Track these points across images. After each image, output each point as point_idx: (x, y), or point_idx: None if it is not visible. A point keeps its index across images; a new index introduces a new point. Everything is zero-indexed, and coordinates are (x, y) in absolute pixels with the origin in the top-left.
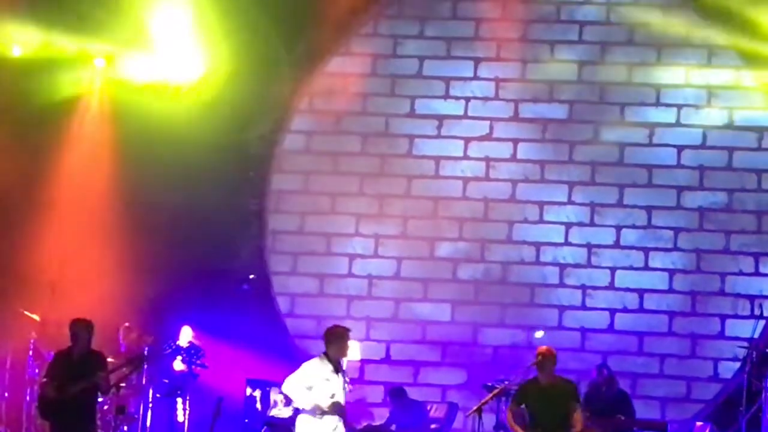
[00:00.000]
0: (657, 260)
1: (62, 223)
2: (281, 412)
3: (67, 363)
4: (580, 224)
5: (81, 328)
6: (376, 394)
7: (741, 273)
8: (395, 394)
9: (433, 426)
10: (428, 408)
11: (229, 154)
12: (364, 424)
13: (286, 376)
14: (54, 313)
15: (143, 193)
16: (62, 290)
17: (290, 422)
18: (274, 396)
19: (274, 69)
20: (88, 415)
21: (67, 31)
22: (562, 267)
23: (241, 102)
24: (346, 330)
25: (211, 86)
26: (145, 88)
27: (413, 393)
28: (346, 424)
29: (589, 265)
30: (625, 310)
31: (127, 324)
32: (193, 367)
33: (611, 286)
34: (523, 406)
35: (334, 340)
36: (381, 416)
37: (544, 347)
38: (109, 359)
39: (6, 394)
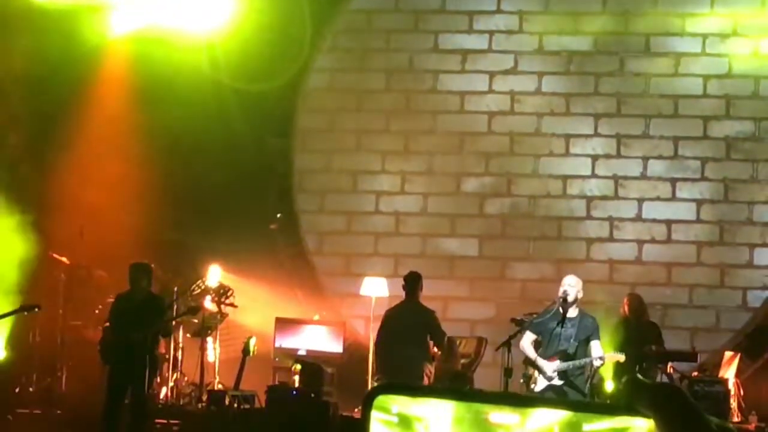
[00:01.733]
0: (684, 191)
1: (90, 168)
2: None
3: (128, 307)
4: (607, 156)
5: (140, 271)
6: None
7: None
8: None
9: (462, 360)
10: (457, 342)
11: (253, 95)
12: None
13: (314, 314)
14: (83, 256)
15: (171, 136)
16: (90, 233)
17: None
18: None
19: (299, 12)
20: (148, 359)
21: None
22: (589, 199)
23: (266, 47)
24: None
25: (236, 33)
26: (170, 36)
27: (443, 328)
28: None
29: (616, 196)
30: (652, 241)
31: (152, 265)
32: (223, 306)
33: (638, 218)
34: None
35: None
36: None
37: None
38: None
39: (38, 339)
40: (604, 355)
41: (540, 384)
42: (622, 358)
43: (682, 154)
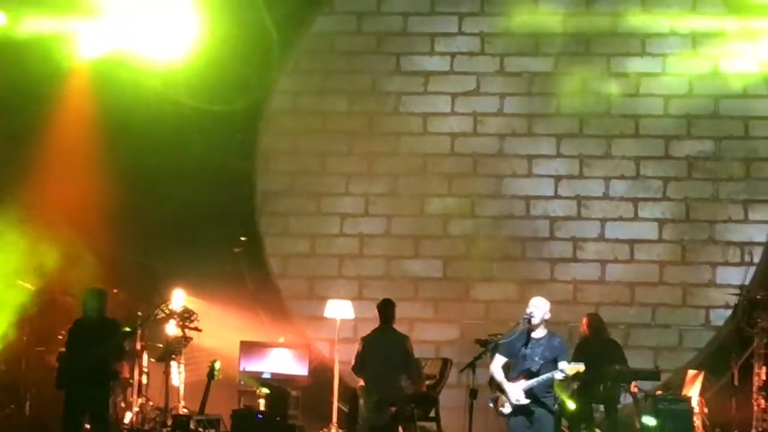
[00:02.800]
0: (646, 210)
1: (53, 191)
2: None
3: (82, 332)
4: (569, 176)
5: (93, 296)
6: None
7: (730, 220)
8: None
9: (428, 382)
10: (422, 364)
11: (216, 117)
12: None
13: (279, 337)
14: (46, 283)
15: (134, 160)
16: (53, 261)
17: None
18: None
19: (262, 34)
20: (102, 383)
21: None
22: (552, 220)
23: (229, 70)
24: None
25: (199, 57)
26: (134, 60)
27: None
28: None
29: (579, 217)
30: (615, 260)
31: (115, 290)
32: (187, 330)
33: (601, 238)
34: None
35: None
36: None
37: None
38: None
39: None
40: (564, 368)
41: (508, 406)
42: (581, 368)
43: (644, 174)
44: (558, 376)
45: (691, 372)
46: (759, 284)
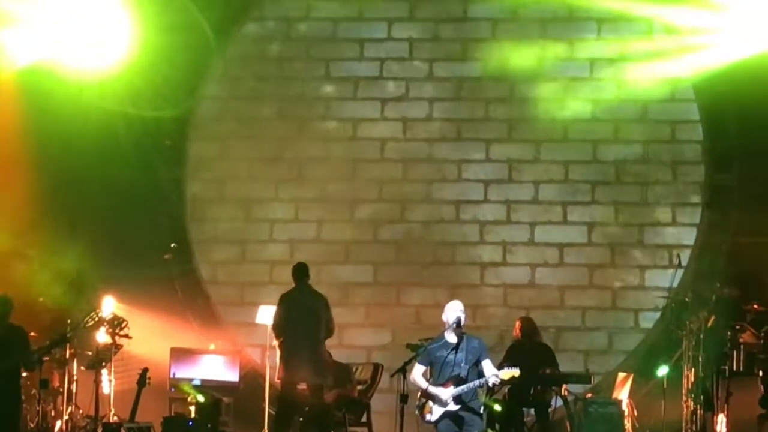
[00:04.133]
0: (575, 214)
1: None
2: None
3: None
4: (499, 181)
5: None
6: None
7: (659, 224)
8: None
9: (359, 387)
10: (353, 369)
11: (145, 124)
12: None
13: (210, 343)
14: None
15: (61, 166)
16: None
17: None
18: None
19: (190, 41)
20: (11, 395)
21: None
22: (482, 224)
23: (158, 76)
24: None
25: (128, 62)
26: (62, 69)
27: (338, 355)
28: None
29: (508, 221)
30: (545, 264)
31: (41, 298)
32: (117, 338)
33: (531, 242)
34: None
35: None
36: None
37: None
38: (32, 334)
39: None
40: (499, 373)
41: (436, 412)
42: (516, 373)
43: (573, 178)
44: (492, 380)
45: (621, 374)
46: (687, 287)
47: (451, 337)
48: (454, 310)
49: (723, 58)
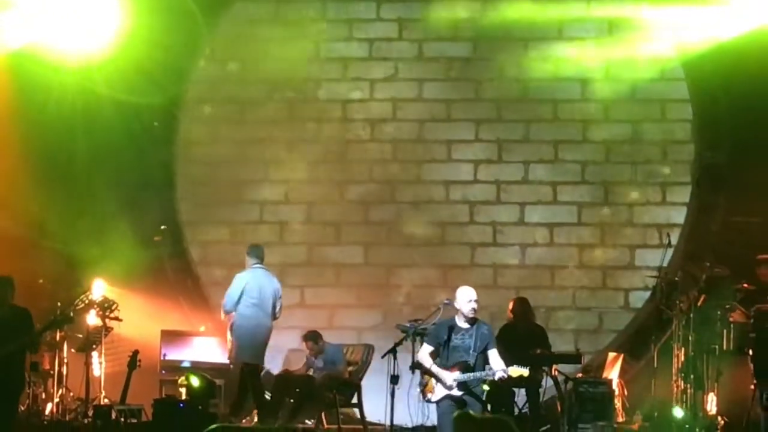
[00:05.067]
0: (565, 194)
1: None
2: None
3: None
4: (488, 161)
5: (2, 285)
6: (291, 339)
7: (648, 203)
8: (311, 338)
9: (350, 368)
10: (344, 350)
11: (135, 106)
12: (282, 369)
13: (200, 325)
14: None
15: (51, 149)
16: None
17: None
18: None
19: (180, 22)
20: (16, 376)
21: None
22: (472, 205)
23: (147, 58)
24: None
25: (117, 45)
26: (52, 53)
27: (329, 336)
28: None
29: (498, 201)
30: (535, 244)
31: (41, 280)
32: (107, 320)
33: (521, 222)
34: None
35: None
36: (297, 361)
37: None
38: None
39: None
40: (507, 369)
41: (438, 393)
42: (526, 373)
43: (562, 158)
44: (499, 375)
45: (611, 354)
46: (677, 266)
47: (461, 322)
48: (469, 300)
49: (713, 36)
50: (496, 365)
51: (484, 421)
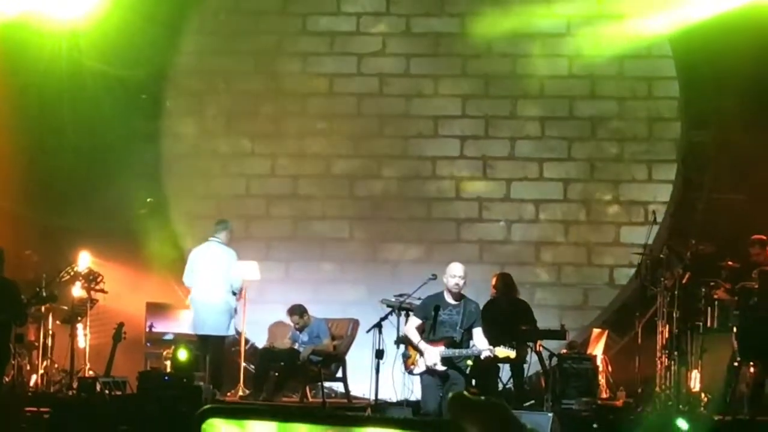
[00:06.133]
0: (551, 170)
1: None
2: None
3: None
4: (475, 137)
5: None
6: (276, 313)
7: (634, 180)
8: (296, 311)
9: (335, 342)
10: (329, 325)
11: (121, 78)
12: (267, 344)
13: (184, 299)
14: None
15: (36, 121)
16: None
17: None
18: None
19: None
20: (1, 348)
21: None
22: (458, 180)
23: (134, 30)
24: None
25: (103, 19)
26: (37, 22)
27: (314, 310)
28: None
29: (484, 177)
30: (521, 220)
31: (28, 251)
32: (92, 292)
33: (507, 198)
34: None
35: None
36: (282, 335)
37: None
38: None
39: None
40: (494, 349)
41: (421, 366)
42: (512, 354)
43: (549, 134)
44: (485, 354)
45: (596, 330)
46: (662, 243)
47: (450, 298)
48: (453, 276)
49: (700, 13)
50: (480, 344)
51: (479, 403)
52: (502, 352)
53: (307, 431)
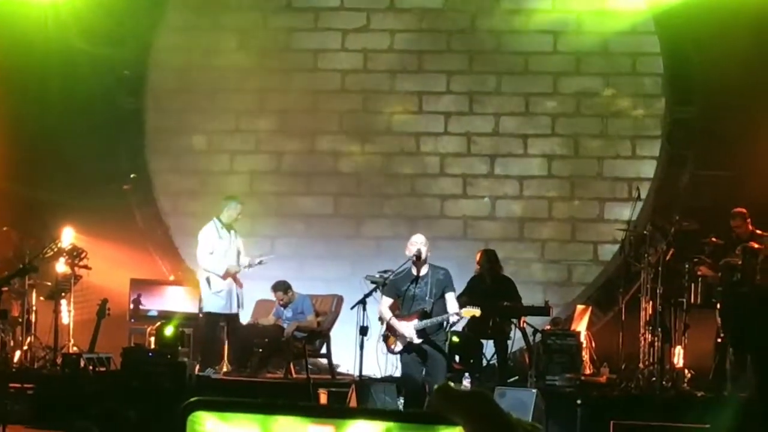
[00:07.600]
0: (536, 146)
1: None
2: None
3: None
4: (459, 113)
5: None
6: (261, 289)
7: (618, 156)
8: (280, 287)
9: (319, 318)
10: (313, 301)
11: (105, 53)
12: (251, 320)
13: (168, 275)
14: None
15: (21, 96)
16: None
17: None
18: None
19: None
20: None
21: None
22: (443, 156)
23: (117, 7)
24: None
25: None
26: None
27: (298, 286)
28: None
29: (469, 153)
30: (505, 196)
31: (5, 228)
32: (76, 268)
33: (491, 174)
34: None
35: None
36: (266, 311)
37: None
38: None
39: None
40: (460, 311)
41: (400, 344)
42: (477, 312)
43: (533, 111)
44: (453, 319)
45: (580, 307)
46: (646, 219)
47: (415, 270)
48: (414, 243)
49: None
50: (453, 308)
51: (463, 394)
52: (467, 312)
53: (293, 424)
